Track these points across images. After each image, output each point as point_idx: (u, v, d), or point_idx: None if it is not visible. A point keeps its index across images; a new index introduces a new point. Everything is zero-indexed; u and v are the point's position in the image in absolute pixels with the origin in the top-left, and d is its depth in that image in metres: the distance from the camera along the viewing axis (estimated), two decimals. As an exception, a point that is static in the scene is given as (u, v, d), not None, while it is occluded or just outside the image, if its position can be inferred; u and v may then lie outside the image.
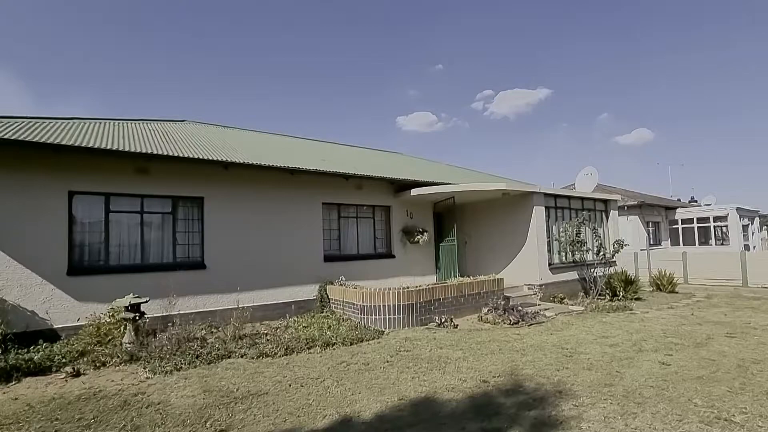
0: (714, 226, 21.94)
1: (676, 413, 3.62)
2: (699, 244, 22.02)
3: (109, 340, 6.18)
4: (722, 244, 21.84)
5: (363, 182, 10.18)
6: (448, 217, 11.64)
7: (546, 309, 9.12)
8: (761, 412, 3.63)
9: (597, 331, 7.06)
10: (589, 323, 7.73)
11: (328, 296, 9.09)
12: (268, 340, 6.69)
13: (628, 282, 10.91)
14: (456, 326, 7.69)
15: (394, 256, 10.82)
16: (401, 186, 10.70)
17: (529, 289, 10.45)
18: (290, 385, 4.56)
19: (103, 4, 42.65)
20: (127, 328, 6.04)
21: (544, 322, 7.98)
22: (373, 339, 6.88)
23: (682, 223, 22.73)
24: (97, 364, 5.50)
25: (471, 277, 9.29)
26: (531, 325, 7.74)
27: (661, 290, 12.36)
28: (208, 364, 5.52)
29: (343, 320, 8.18)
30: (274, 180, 8.89)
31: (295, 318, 8.55)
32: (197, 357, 5.72)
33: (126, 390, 4.51)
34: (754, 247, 22.98)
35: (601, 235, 12.26)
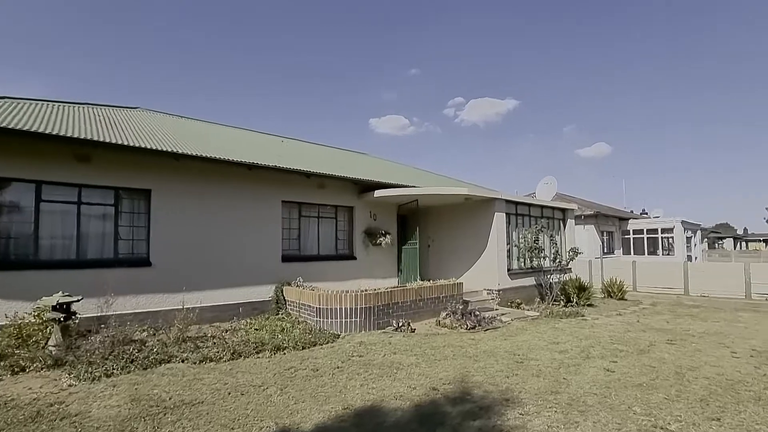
0: (661, 237, 23.28)
1: (615, 422, 3.67)
2: (648, 254, 23.29)
3: (33, 342, 5.61)
4: (668, 254, 23.22)
5: (325, 181, 9.94)
6: (412, 220, 11.60)
7: (503, 314, 9.23)
8: (694, 420, 3.74)
9: (549, 336, 7.18)
10: (542, 329, 7.87)
11: (284, 298, 8.77)
12: (214, 343, 6.33)
13: (582, 289, 11.28)
14: (413, 330, 7.61)
15: (355, 258, 10.64)
16: (365, 187, 10.55)
17: (488, 294, 10.57)
18: (229, 394, 4.28)
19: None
20: (54, 329, 5.51)
21: (499, 327, 8.05)
22: (327, 343, 6.67)
23: (633, 234, 23.97)
24: (16, 370, 4.97)
25: (431, 281, 9.26)
26: (487, 330, 7.79)
27: (611, 297, 12.88)
28: (144, 369, 5.12)
29: (299, 323, 7.92)
30: (230, 175, 8.48)
31: (249, 320, 8.18)
32: (132, 362, 5.29)
33: (42, 399, 4.07)
34: (696, 258, 24.58)
35: (558, 243, 12.62)
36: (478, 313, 8.87)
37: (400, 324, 7.67)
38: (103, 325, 5.83)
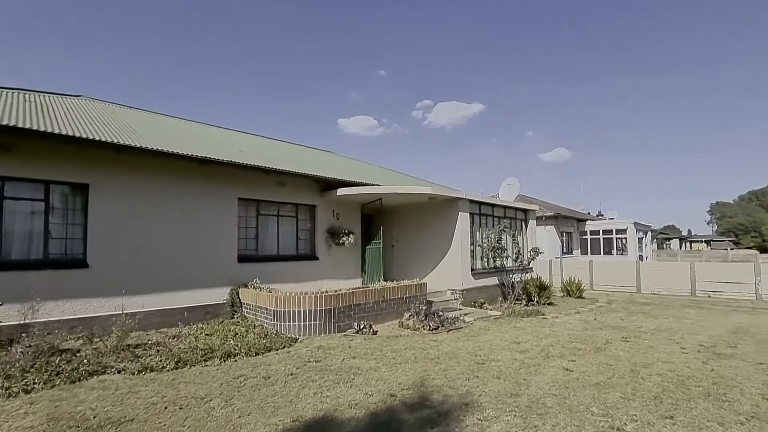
0: (616, 238, 24.42)
1: (574, 424, 3.59)
2: (603, 254, 24.35)
3: (-63, 355, 4.91)
4: (621, 254, 24.40)
5: (286, 179, 9.53)
6: (377, 220, 11.40)
7: (466, 314, 9.20)
8: (649, 419, 3.74)
9: (511, 336, 7.17)
10: (504, 328, 7.87)
11: (240, 300, 8.30)
12: (158, 351, 5.81)
13: (542, 288, 11.49)
14: (375, 333, 7.39)
15: (317, 258, 10.28)
16: (328, 185, 10.22)
17: (452, 294, 10.52)
18: (166, 408, 3.87)
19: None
20: (-37, 340, 4.83)
21: (462, 327, 7.98)
22: (283, 348, 6.32)
23: (590, 234, 24.99)
24: None
25: (394, 282, 9.08)
26: (450, 330, 7.69)
27: (570, 296, 13.24)
28: (71, 383, 4.59)
29: (255, 327, 7.50)
30: (181, 170, 7.92)
31: (200, 325, 7.66)
32: (58, 374, 4.74)
33: (-63, 423, 3.50)
34: (647, 258, 25.97)
35: (520, 243, 12.83)
36: (441, 313, 8.78)
37: (362, 326, 7.42)
38: (24, 334, 5.18)
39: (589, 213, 31.41)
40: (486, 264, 11.58)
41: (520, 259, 11.31)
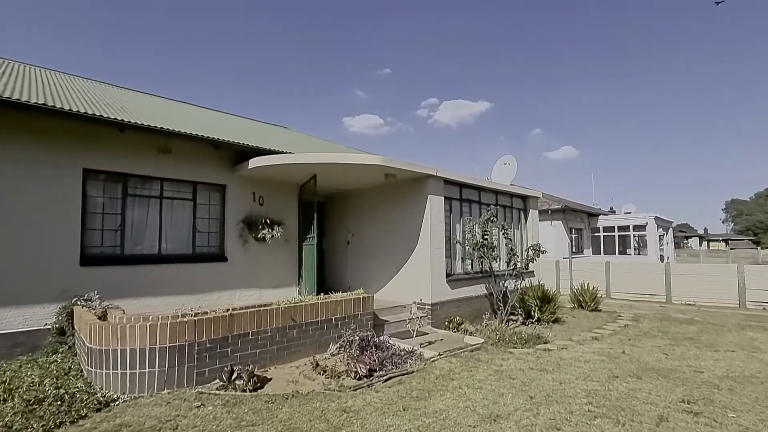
0: (633, 235, 21.19)
1: None
2: (618, 254, 21.16)
3: None
4: (639, 253, 21.17)
5: (172, 143, 6.58)
6: (329, 209, 8.46)
7: (430, 342, 6.21)
8: None
9: (486, 395, 4.16)
10: (480, 375, 4.85)
11: (73, 326, 5.37)
12: None
13: (546, 299, 8.46)
14: (260, 386, 4.41)
15: (226, 259, 7.31)
16: (242, 157, 7.25)
17: (418, 308, 7.52)
18: None
19: None
20: None
21: (413, 371, 4.98)
22: (75, 422, 3.45)
23: (603, 231, 21.79)
24: None
25: (322, 296, 6.11)
26: (389, 379, 4.70)
27: (583, 308, 10.19)
28: None
29: (72, 372, 4.61)
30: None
31: (-5, 365, 4.77)
32: None
33: None
34: (668, 258, 22.70)
35: (517, 238, 9.78)
36: (390, 343, 5.81)
37: (241, 373, 4.43)
38: None
39: (600, 209, 28.17)
40: (469, 267, 8.56)
41: (514, 261, 8.26)
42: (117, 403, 3.95)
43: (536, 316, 8.17)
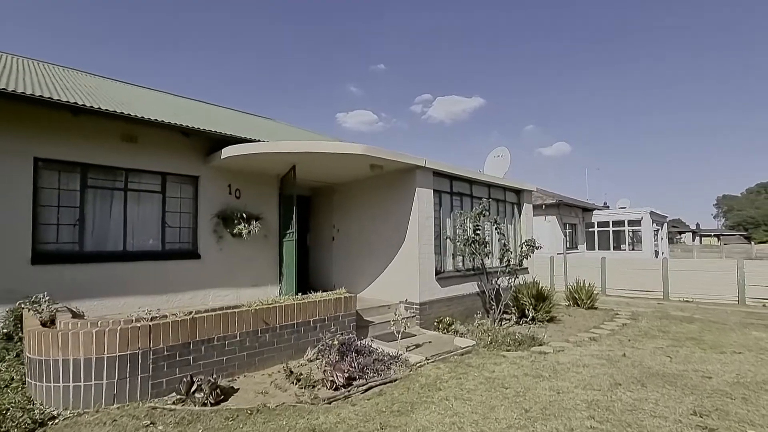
0: (628, 230, 20.91)
1: None
2: (613, 249, 20.88)
3: None
4: (633, 249, 20.91)
5: (137, 130, 6.04)
6: (315, 203, 7.97)
7: (416, 346, 5.76)
8: None
9: (476, 407, 3.73)
10: (469, 383, 4.42)
11: (22, 331, 4.85)
12: None
13: (541, 297, 8.06)
14: (222, 398, 3.94)
15: (199, 256, 6.80)
16: (216, 146, 6.72)
17: (406, 308, 7.08)
18: None
19: None
20: None
21: (396, 380, 4.54)
22: None
23: (598, 227, 21.49)
24: None
25: (300, 296, 5.64)
26: (368, 389, 4.25)
27: (579, 305, 9.81)
28: None
29: (13, 384, 4.10)
30: None
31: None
32: None
33: None
34: (663, 254, 22.48)
35: (511, 234, 9.37)
36: (373, 348, 5.37)
37: (200, 385, 3.95)
38: None
39: (594, 204, 27.90)
40: (460, 264, 8.12)
41: (507, 257, 7.83)
42: (56, 421, 3.46)
43: (531, 315, 7.75)
